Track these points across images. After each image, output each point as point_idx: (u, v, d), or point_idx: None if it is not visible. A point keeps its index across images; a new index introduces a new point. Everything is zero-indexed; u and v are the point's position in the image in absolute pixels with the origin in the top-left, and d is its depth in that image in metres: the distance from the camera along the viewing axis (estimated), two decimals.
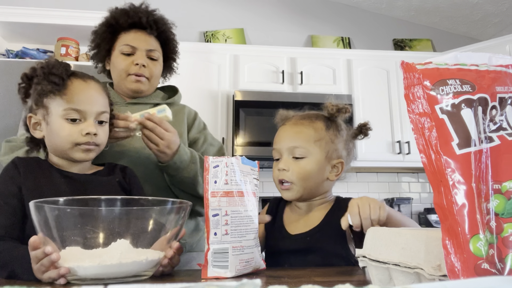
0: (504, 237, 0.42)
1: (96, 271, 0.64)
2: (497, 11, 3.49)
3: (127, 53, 1.24)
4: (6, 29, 2.84)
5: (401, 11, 3.70)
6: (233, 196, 0.76)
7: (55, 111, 0.91)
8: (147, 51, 1.25)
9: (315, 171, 1.00)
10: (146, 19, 1.25)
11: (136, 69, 1.23)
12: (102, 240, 0.65)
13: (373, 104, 3.14)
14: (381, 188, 3.42)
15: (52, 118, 0.91)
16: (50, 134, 0.92)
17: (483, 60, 0.49)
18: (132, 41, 1.24)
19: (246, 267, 0.76)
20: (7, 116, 2.29)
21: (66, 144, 0.91)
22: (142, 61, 1.23)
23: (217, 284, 0.30)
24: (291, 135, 1.02)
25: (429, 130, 0.46)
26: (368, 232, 0.63)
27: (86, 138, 0.91)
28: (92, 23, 1.39)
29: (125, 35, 1.26)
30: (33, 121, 0.95)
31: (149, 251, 0.68)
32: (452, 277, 0.42)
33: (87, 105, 0.92)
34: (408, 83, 0.49)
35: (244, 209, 0.77)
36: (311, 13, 3.69)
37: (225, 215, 0.74)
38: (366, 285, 0.36)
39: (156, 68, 1.27)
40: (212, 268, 0.73)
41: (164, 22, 1.31)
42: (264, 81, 3.00)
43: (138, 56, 1.23)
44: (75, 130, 0.90)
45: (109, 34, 1.28)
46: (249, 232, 0.78)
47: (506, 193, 0.43)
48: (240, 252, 0.75)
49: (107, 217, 0.67)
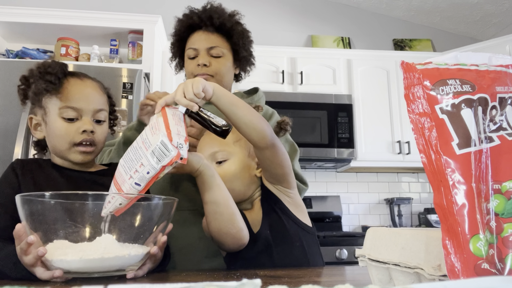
0: (504, 237, 0.42)
1: (78, 265, 0.65)
2: (497, 11, 3.49)
3: (192, 57, 1.23)
4: (6, 29, 2.84)
5: (401, 11, 3.70)
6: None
7: (53, 110, 0.91)
8: (208, 49, 1.22)
9: (239, 170, 1.00)
10: (199, 17, 1.23)
11: (199, 70, 1.21)
12: (88, 234, 0.66)
13: (373, 104, 3.14)
14: (381, 188, 3.42)
15: (50, 118, 0.91)
16: (49, 135, 0.93)
17: (483, 60, 0.49)
18: (193, 43, 1.23)
19: None
20: (7, 116, 2.29)
21: (64, 144, 0.90)
22: (202, 60, 1.21)
23: (217, 284, 0.30)
24: (209, 141, 1.02)
25: (429, 130, 0.46)
26: (368, 232, 0.63)
27: (83, 136, 0.90)
28: (92, 23, 1.39)
29: (189, 40, 1.26)
30: (34, 122, 0.95)
31: (133, 246, 0.69)
32: (452, 277, 0.42)
33: (83, 103, 0.91)
34: (408, 83, 0.49)
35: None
36: (311, 13, 3.69)
37: None
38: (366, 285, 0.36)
39: (220, 64, 1.23)
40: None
41: (221, 15, 1.25)
42: (264, 81, 3.00)
43: (200, 56, 1.22)
44: (72, 129, 0.90)
45: (178, 43, 1.29)
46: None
47: (506, 193, 0.43)
48: None
49: (92, 212, 0.67)
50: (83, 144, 0.91)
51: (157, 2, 3.43)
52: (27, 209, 0.66)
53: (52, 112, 0.91)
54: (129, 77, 2.44)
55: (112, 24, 2.80)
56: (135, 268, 0.72)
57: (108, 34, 2.89)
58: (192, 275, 0.81)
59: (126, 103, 2.40)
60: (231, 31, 1.25)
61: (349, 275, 0.77)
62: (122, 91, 2.40)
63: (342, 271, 0.84)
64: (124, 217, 0.69)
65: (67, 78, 0.93)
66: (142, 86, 2.49)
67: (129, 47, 2.85)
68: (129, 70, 2.47)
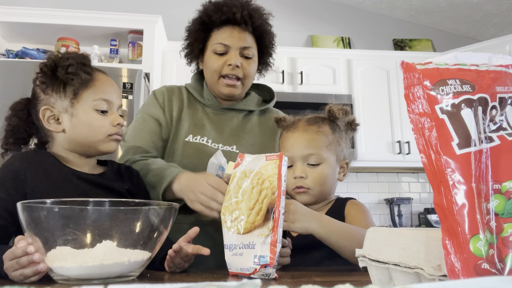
0: (504, 237, 0.42)
1: (78, 271, 0.64)
2: (497, 11, 3.48)
3: (220, 53, 1.15)
4: (6, 29, 2.84)
5: (401, 11, 3.70)
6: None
7: (85, 102, 0.90)
8: (241, 49, 1.15)
9: (331, 175, 1.04)
10: (241, 14, 1.14)
11: (229, 69, 1.15)
12: (88, 241, 0.65)
13: (373, 104, 3.14)
14: (381, 188, 3.42)
15: (81, 109, 0.90)
16: (78, 126, 0.90)
17: (483, 60, 0.49)
18: (226, 39, 1.15)
19: None
20: None
21: (98, 135, 0.91)
22: (236, 61, 1.14)
23: (217, 284, 0.30)
24: (303, 142, 1.04)
25: (429, 130, 0.46)
26: (368, 232, 0.63)
27: (116, 128, 0.93)
28: (92, 23, 1.38)
29: (218, 32, 1.17)
30: (48, 114, 0.91)
31: (134, 252, 0.68)
32: (452, 277, 0.42)
33: (114, 97, 0.94)
34: (408, 83, 0.48)
35: None
36: (311, 13, 3.69)
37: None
38: (366, 285, 0.36)
39: (251, 67, 1.18)
40: None
41: (260, 15, 1.19)
42: (264, 81, 3.00)
43: (231, 55, 1.15)
44: (106, 121, 0.92)
45: (202, 32, 1.20)
46: None
47: (506, 193, 0.43)
48: None
49: (92, 218, 0.66)
50: (117, 133, 0.94)
51: (157, 2, 3.43)
52: (26, 216, 0.65)
53: (84, 103, 0.90)
54: (129, 77, 2.45)
55: (112, 24, 2.80)
56: (136, 275, 0.71)
57: (108, 34, 2.89)
58: (192, 275, 0.81)
59: (126, 103, 2.41)
60: (263, 34, 1.20)
61: (349, 275, 0.77)
62: (122, 91, 2.40)
63: (342, 271, 0.84)
64: (124, 223, 0.68)
65: (95, 72, 0.94)
66: (142, 86, 2.49)
67: (129, 47, 2.85)
68: (129, 70, 2.47)
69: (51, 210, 0.65)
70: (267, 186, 0.75)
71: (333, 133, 1.05)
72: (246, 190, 0.78)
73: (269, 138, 1.23)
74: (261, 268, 0.71)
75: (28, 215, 0.65)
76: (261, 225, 0.73)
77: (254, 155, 0.83)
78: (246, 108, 1.25)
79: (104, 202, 0.70)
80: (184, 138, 1.16)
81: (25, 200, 0.67)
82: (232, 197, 0.80)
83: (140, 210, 0.72)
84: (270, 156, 0.79)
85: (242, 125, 1.23)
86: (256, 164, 0.79)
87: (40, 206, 0.65)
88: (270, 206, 0.73)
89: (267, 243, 0.72)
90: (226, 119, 1.22)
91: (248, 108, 1.25)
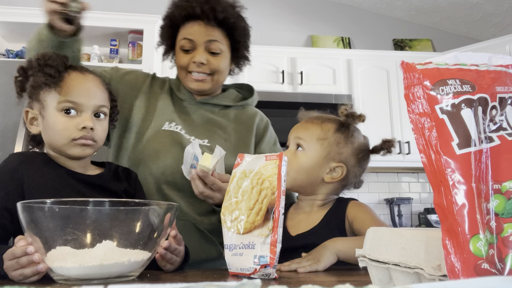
0: (504, 237, 0.42)
1: (78, 272, 0.64)
2: (497, 11, 3.49)
3: (187, 49, 1.15)
4: (6, 29, 2.84)
5: (401, 11, 3.70)
6: None
7: (51, 104, 0.87)
8: (206, 43, 1.14)
9: (308, 165, 1.02)
10: (201, 8, 1.13)
11: (195, 67, 1.14)
12: (88, 241, 0.65)
13: (373, 104, 3.14)
14: (381, 188, 3.42)
15: (48, 111, 0.87)
16: (46, 129, 0.89)
17: (483, 60, 0.49)
18: (190, 34, 1.14)
19: None
20: (7, 116, 2.29)
21: (62, 140, 0.87)
22: (200, 58, 1.13)
23: (217, 284, 0.30)
24: (299, 129, 1.07)
25: (429, 130, 0.46)
26: (368, 232, 0.63)
27: (82, 132, 0.87)
28: (92, 23, 1.37)
29: (183, 28, 1.16)
30: (30, 116, 0.91)
31: (134, 252, 0.68)
32: (452, 277, 0.42)
33: (84, 98, 0.88)
34: (408, 83, 0.48)
35: None
36: (311, 13, 3.69)
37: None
38: (366, 285, 0.36)
39: (219, 62, 1.16)
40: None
41: (224, 7, 1.16)
42: (264, 81, 3.00)
43: (197, 52, 1.14)
44: (70, 124, 0.86)
45: (170, 29, 1.20)
46: None
47: (506, 193, 0.43)
48: None
49: (92, 218, 0.66)
50: (83, 138, 0.88)
51: (157, 2, 3.43)
52: (26, 216, 0.65)
53: (50, 106, 0.87)
54: None
55: (112, 24, 2.80)
56: (136, 274, 0.71)
57: (108, 34, 2.89)
58: (192, 275, 0.81)
59: None
60: (233, 27, 1.18)
61: (349, 275, 0.77)
62: None
63: (342, 271, 0.84)
64: (125, 223, 0.68)
65: (68, 72, 0.90)
66: None
67: (129, 47, 2.85)
68: None
69: (51, 210, 0.65)
70: (267, 186, 0.75)
71: (334, 132, 1.05)
72: (245, 190, 0.78)
73: (245, 134, 1.23)
74: (261, 268, 0.71)
75: (28, 215, 0.64)
76: (261, 225, 0.73)
77: (254, 155, 0.83)
78: (221, 103, 1.25)
79: (104, 202, 0.70)
80: (160, 126, 1.16)
81: (23, 199, 0.67)
82: (232, 197, 0.80)
83: (140, 210, 0.72)
84: (270, 156, 0.79)
85: (216, 119, 1.23)
86: (255, 164, 0.79)
87: (40, 206, 0.64)
88: (270, 206, 0.73)
89: (267, 243, 0.72)
90: (200, 113, 1.21)
91: (222, 103, 1.25)
